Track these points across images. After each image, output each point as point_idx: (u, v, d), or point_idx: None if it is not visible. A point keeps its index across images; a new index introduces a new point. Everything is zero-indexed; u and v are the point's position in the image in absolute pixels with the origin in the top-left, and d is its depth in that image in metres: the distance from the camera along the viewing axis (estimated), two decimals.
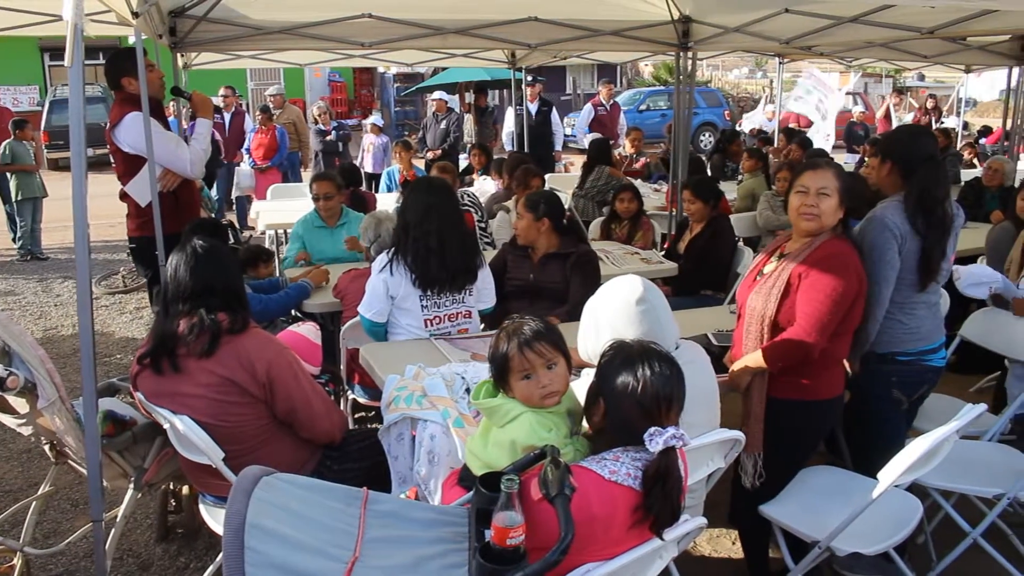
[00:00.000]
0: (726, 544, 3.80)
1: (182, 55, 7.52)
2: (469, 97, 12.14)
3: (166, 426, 2.93)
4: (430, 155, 10.67)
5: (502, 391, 2.34)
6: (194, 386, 2.88)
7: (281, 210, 7.78)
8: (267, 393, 2.93)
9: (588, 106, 12.38)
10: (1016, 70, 8.88)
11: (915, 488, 3.21)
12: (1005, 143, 10.14)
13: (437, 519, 2.08)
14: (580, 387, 2.38)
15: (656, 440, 1.98)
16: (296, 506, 1.99)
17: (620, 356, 2.17)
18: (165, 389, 2.92)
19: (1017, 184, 6.40)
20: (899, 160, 3.32)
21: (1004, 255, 5.32)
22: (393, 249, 3.79)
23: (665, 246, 6.32)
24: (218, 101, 11.11)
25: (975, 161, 11.41)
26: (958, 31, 5.49)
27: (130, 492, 3.34)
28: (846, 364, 3.31)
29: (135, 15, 4.05)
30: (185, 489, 3.87)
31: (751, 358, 3.12)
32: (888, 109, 15.46)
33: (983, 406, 2.98)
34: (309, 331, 3.60)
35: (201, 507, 3.23)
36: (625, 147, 10.64)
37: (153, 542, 3.86)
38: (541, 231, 4.37)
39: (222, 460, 2.88)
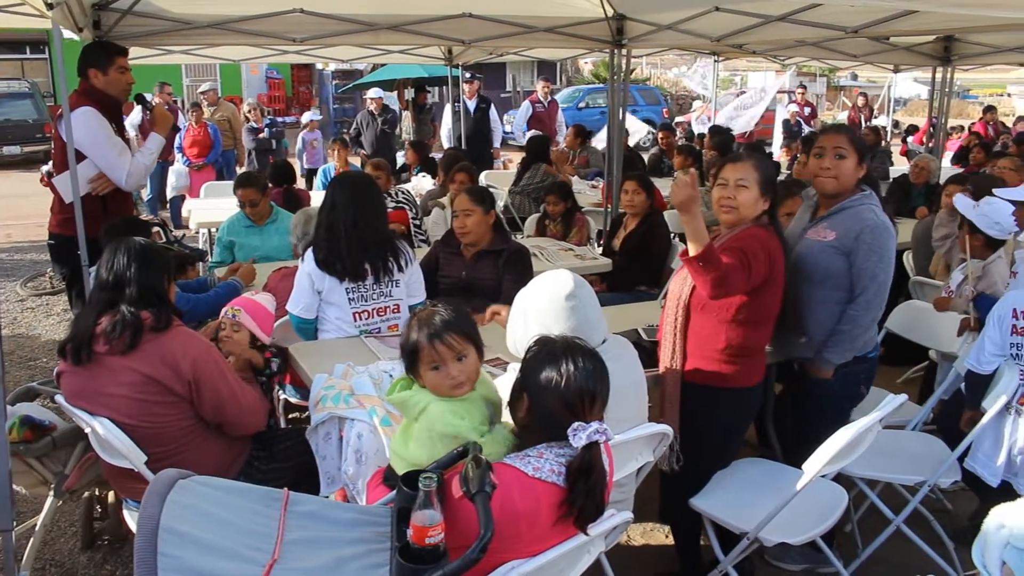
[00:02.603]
0: (660, 537, 3.83)
1: None
2: (409, 94, 12.06)
3: (87, 430, 2.86)
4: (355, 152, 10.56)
5: (415, 381, 2.32)
6: (116, 385, 2.83)
7: (214, 208, 7.62)
8: (192, 391, 2.88)
9: (526, 103, 12.38)
10: (940, 70, 9.11)
11: (842, 478, 3.27)
12: (931, 142, 10.40)
13: (359, 519, 2.05)
14: (506, 382, 2.37)
15: (579, 435, 1.98)
16: (213, 509, 1.95)
17: (544, 351, 2.16)
18: (87, 389, 2.86)
19: (942, 181, 6.59)
20: (863, 159, 3.37)
21: (928, 248, 5.48)
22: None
23: (602, 242, 6.36)
24: (150, 98, 10.86)
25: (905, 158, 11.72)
26: (882, 31, 5.62)
27: (50, 500, 3.25)
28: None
29: (50, 6, 3.91)
30: (111, 495, 3.77)
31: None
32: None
33: (903, 396, 3.05)
34: (265, 299, 3.59)
35: (126, 513, 3.15)
36: (564, 144, 10.67)
37: (78, 550, 3.76)
38: (488, 224, 4.37)
39: (145, 463, 2.82)
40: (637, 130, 14.45)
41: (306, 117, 11.90)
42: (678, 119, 21.48)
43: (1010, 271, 4.10)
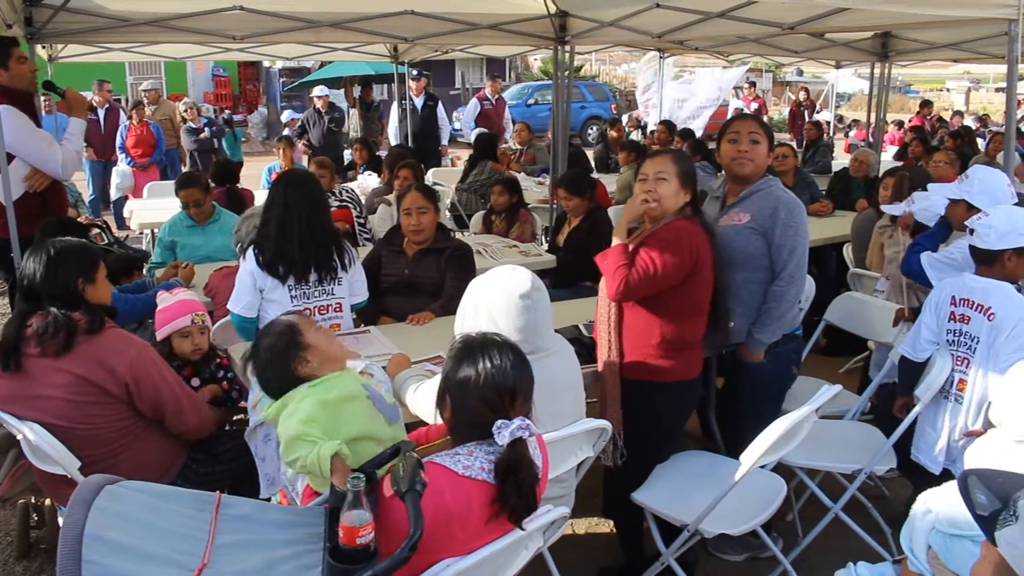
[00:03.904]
0: (605, 531, 3.86)
1: (44, 47, 7.21)
2: (356, 92, 11.97)
3: (19, 437, 2.80)
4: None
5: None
6: (48, 387, 2.79)
7: (156, 209, 7.49)
8: (129, 392, 2.86)
9: (474, 100, 12.36)
10: (878, 66, 9.28)
11: (782, 468, 3.32)
12: (871, 137, 10.60)
13: (292, 521, 2.03)
14: (433, 385, 2.36)
15: (503, 433, 1.98)
16: (142, 514, 1.92)
17: (460, 351, 2.16)
18: (18, 393, 2.82)
19: (881, 174, 6.71)
20: (772, 144, 3.54)
21: (867, 241, 5.57)
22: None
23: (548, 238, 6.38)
24: (92, 97, 10.66)
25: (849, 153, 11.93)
26: (818, 27, 5.72)
27: None
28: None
29: None
30: (48, 501, 3.70)
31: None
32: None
33: (838, 387, 3.11)
34: (187, 295, 3.62)
35: (62, 520, 3.09)
36: (512, 142, 10.68)
37: (13, 559, 3.67)
38: (436, 222, 4.36)
39: (79, 469, 2.77)
40: None
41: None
42: (643, 116, 21.63)
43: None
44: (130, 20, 5.76)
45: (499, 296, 2.65)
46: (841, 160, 10.50)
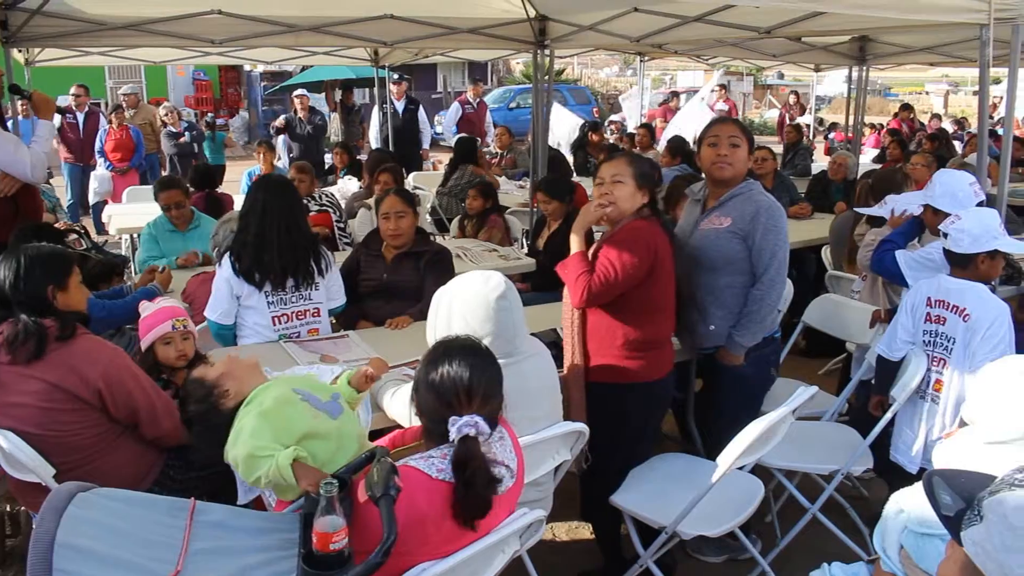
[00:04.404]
0: (585, 534, 3.86)
1: (21, 51, 7.15)
2: (337, 96, 11.94)
3: None
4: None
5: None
6: (21, 395, 2.76)
7: (135, 213, 7.44)
8: (103, 399, 2.82)
9: (455, 104, 12.37)
10: (856, 70, 9.35)
11: (761, 470, 3.34)
12: (850, 139, 10.67)
13: (266, 527, 2.03)
14: (409, 389, 2.36)
15: (451, 429, 2.00)
16: (115, 521, 1.92)
17: (432, 353, 2.19)
18: None
19: (859, 177, 6.76)
20: (752, 148, 3.57)
21: (845, 243, 5.60)
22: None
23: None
24: (70, 101, 10.59)
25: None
26: (794, 31, 5.77)
27: None
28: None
29: None
30: (23, 509, 3.67)
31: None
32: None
33: (814, 388, 3.13)
34: (170, 303, 3.51)
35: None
36: (493, 146, 10.69)
37: None
38: (414, 226, 4.36)
39: (53, 476, 2.75)
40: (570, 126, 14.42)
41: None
42: (614, 117, 21.68)
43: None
44: (107, 24, 5.73)
45: (472, 301, 2.66)
46: (821, 163, 10.56)
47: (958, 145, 11.91)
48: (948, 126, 16.91)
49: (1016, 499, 1.36)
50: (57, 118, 9.19)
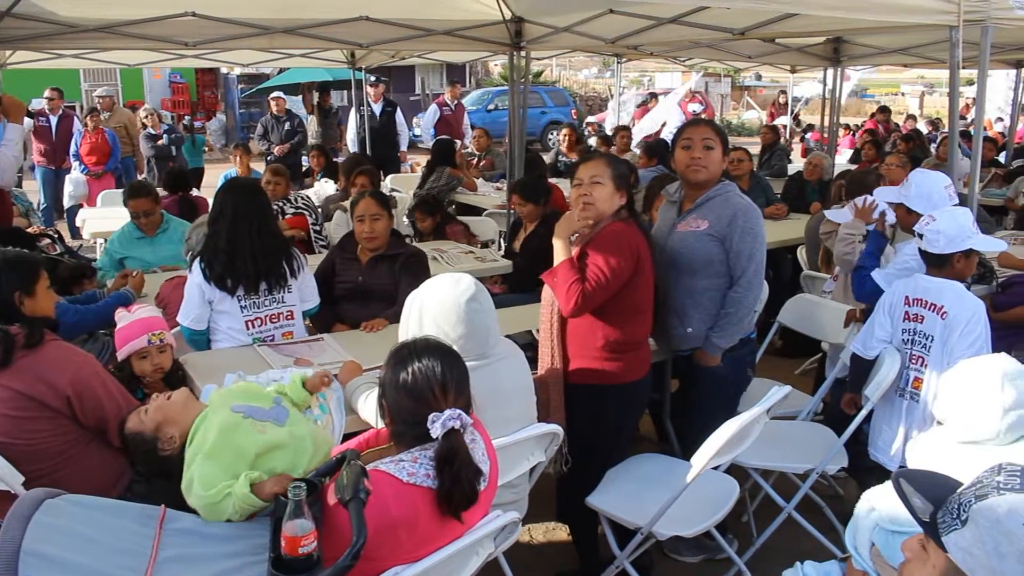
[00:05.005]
0: (561, 535, 3.85)
1: None
2: (314, 98, 11.90)
3: None
4: (277, 151, 10.35)
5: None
6: None
7: (109, 217, 7.38)
8: (71, 406, 2.79)
9: (433, 106, 12.34)
10: (831, 71, 9.40)
11: (737, 469, 3.35)
12: (825, 140, 10.74)
13: (237, 533, 2.01)
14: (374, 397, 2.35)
15: (435, 425, 1.99)
16: (83, 529, 1.90)
17: (394, 356, 2.18)
18: None
19: (834, 177, 6.80)
20: (727, 149, 3.56)
21: (819, 243, 5.63)
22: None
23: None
24: (43, 104, 10.49)
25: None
26: (768, 32, 5.79)
27: None
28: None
29: None
30: None
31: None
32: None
33: (788, 388, 3.15)
34: (148, 311, 3.45)
35: None
36: (471, 147, 10.67)
37: None
38: (389, 228, 4.35)
39: (23, 484, 2.71)
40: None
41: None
42: (590, 119, 21.74)
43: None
44: (79, 26, 5.66)
45: (443, 304, 2.65)
46: (800, 164, 10.64)
47: (934, 146, 12.01)
48: (923, 127, 17.07)
49: (1009, 504, 1.35)
50: (28, 121, 9.13)
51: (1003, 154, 10.42)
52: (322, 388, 2.67)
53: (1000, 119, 15.45)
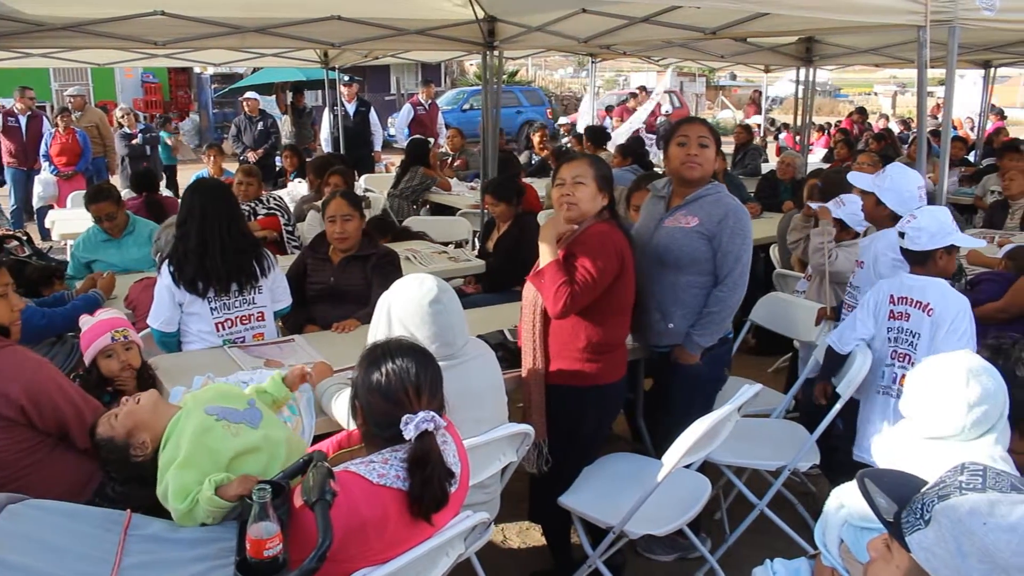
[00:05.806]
0: (535, 536, 3.85)
1: None
2: (288, 98, 11.83)
3: None
4: (251, 156, 10.28)
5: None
6: None
7: (79, 219, 7.27)
8: (27, 414, 2.72)
9: (407, 106, 12.30)
10: (804, 70, 9.47)
11: (710, 467, 3.36)
12: (797, 137, 10.81)
13: (204, 537, 1.99)
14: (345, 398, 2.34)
15: (409, 427, 1.98)
16: (45, 535, 1.87)
17: (366, 357, 2.17)
18: None
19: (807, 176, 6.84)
20: (719, 148, 3.58)
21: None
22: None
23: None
24: (12, 104, 10.36)
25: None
26: (739, 32, 5.83)
27: None
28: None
29: None
30: None
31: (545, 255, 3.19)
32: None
33: (759, 386, 3.16)
34: (111, 314, 3.41)
35: None
36: (445, 147, 10.66)
37: None
38: (361, 229, 4.33)
39: None
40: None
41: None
42: (562, 119, 21.78)
43: (856, 261, 4.24)
44: (46, 25, 5.58)
45: (409, 306, 2.65)
46: (773, 163, 10.71)
47: (906, 146, 12.12)
48: (895, 126, 17.23)
49: (970, 503, 1.35)
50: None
51: (972, 153, 10.55)
52: (301, 383, 2.65)
53: (970, 118, 15.61)
